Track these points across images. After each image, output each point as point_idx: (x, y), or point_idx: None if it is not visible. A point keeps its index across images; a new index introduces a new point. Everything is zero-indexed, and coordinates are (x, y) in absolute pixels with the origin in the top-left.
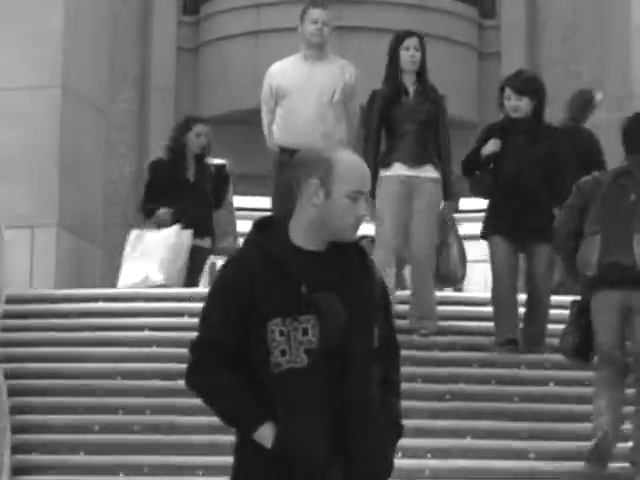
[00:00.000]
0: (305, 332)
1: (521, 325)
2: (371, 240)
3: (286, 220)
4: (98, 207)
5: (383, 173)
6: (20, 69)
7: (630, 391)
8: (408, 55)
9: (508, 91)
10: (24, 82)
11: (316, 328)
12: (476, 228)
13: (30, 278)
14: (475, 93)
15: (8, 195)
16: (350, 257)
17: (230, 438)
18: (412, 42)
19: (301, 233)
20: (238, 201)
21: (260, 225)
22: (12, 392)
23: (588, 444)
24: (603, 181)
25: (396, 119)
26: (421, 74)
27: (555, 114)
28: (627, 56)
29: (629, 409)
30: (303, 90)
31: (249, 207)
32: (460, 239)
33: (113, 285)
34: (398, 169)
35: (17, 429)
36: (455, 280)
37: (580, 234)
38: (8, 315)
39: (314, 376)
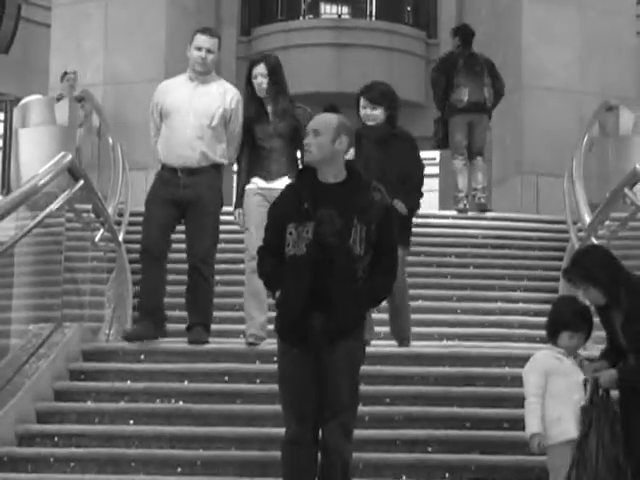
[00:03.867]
0: (307, 232)
1: None
2: None
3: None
4: None
5: (247, 187)
6: (137, 69)
7: None
8: (256, 83)
9: (364, 101)
10: (139, 78)
11: (312, 230)
12: None
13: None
14: (423, 85)
15: (132, 148)
16: (355, 187)
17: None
18: (259, 70)
19: (318, 170)
20: None
21: (301, 169)
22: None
23: None
24: (457, 54)
25: (257, 138)
26: (277, 95)
27: None
28: (519, 68)
29: None
30: (184, 111)
31: None
32: None
33: None
34: (257, 182)
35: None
36: None
37: (448, 86)
38: (131, 223)
39: (308, 261)
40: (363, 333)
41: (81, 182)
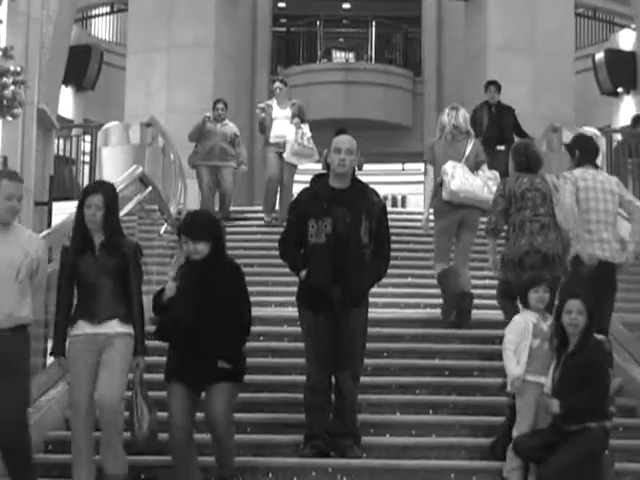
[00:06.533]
0: (325, 226)
1: None
2: None
3: (328, 173)
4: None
5: (70, 332)
6: (191, 102)
7: None
8: (89, 214)
9: (185, 237)
10: (193, 108)
11: (330, 224)
12: None
13: (198, 203)
14: (410, 113)
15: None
16: (358, 190)
17: None
18: (94, 200)
19: (332, 178)
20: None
21: (315, 176)
22: None
23: None
24: None
25: (82, 274)
26: (108, 228)
27: None
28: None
29: None
30: None
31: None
32: (148, 398)
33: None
34: (82, 327)
35: None
36: (136, 441)
37: None
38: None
39: (327, 248)
40: (368, 303)
41: (149, 188)
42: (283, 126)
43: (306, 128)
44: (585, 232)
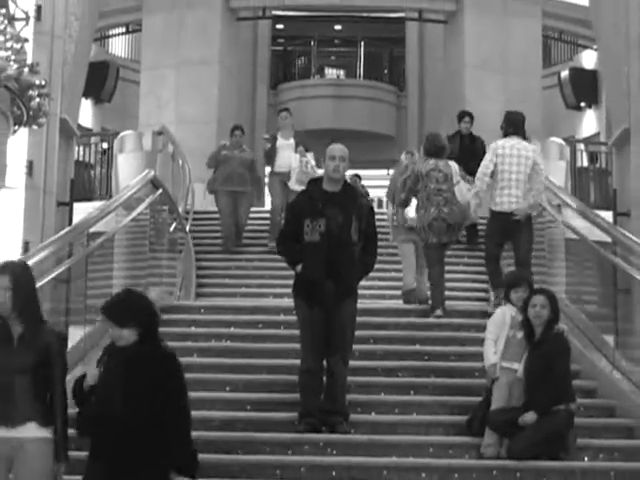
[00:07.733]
0: (319, 225)
1: None
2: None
3: (322, 178)
4: None
5: None
6: (198, 113)
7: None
8: None
9: (109, 322)
10: (199, 119)
11: (324, 224)
12: None
13: (203, 204)
14: (394, 124)
15: (194, 167)
16: (349, 193)
17: None
18: (1, 282)
19: (325, 182)
20: None
21: (311, 180)
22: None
23: None
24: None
25: None
26: (23, 313)
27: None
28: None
29: None
30: None
31: None
32: None
33: None
34: None
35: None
36: None
37: None
38: (194, 219)
39: (321, 245)
40: (357, 295)
41: (160, 190)
42: (287, 155)
43: (310, 156)
44: (499, 189)
